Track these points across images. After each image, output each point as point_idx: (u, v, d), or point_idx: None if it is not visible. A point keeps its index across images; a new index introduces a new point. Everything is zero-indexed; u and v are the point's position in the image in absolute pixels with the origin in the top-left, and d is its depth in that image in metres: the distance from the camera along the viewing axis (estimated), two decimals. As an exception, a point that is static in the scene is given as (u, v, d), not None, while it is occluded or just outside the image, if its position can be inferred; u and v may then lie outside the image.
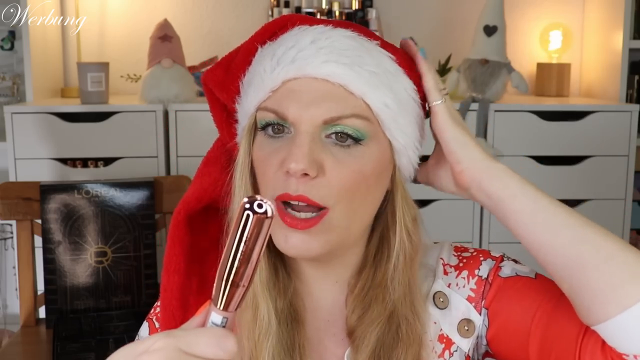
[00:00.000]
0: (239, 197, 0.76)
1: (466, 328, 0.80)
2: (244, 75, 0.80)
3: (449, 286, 0.82)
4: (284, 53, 0.74)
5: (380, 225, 0.80)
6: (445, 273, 0.83)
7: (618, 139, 2.27)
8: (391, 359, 0.76)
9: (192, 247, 0.82)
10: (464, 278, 0.82)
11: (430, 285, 0.81)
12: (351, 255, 0.81)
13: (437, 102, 0.76)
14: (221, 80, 0.81)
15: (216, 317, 0.54)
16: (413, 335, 0.77)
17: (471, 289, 0.81)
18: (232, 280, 0.53)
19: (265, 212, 0.51)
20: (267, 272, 0.77)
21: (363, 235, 0.80)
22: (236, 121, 0.82)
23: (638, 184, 2.52)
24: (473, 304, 0.81)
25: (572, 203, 2.31)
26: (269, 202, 0.51)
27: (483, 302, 0.80)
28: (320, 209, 0.71)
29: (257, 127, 0.76)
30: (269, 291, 0.76)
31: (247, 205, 0.51)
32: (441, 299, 0.81)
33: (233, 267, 0.52)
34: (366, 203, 0.75)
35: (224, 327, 0.54)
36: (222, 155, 0.84)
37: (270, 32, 0.80)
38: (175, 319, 0.80)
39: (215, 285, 0.54)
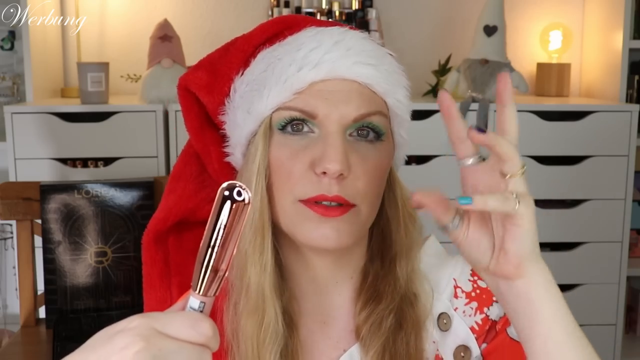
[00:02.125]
0: (254, 201, 0.74)
1: (462, 354, 0.80)
2: (240, 75, 0.79)
3: (455, 309, 0.82)
4: (306, 54, 0.74)
5: (382, 220, 0.80)
6: (456, 296, 0.82)
7: (618, 139, 2.27)
8: (396, 344, 0.77)
9: (167, 262, 0.82)
10: (472, 308, 0.82)
11: (431, 303, 0.81)
12: (357, 252, 0.81)
13: (522, 169, 0.61)
14: (206, 83, 0.81)
15: (194, 301, 0.55)
16: (416, 318, 0.78)
17: (476, 322, 0.81)
18: (211, 266, 0.54)
19: (244, 200, 0.52)
20: (275, 276, 0.76)
21: (367, 235, 0.81)
22: (218, 125, 0.82)
23: (638, 184, 2.52)
24: (475, 335, 0.81)
25: (572, 203, 2.31)
26: (247, 189, 0.53)
27: (484, 345, 0.81)
28: (349, 206, 0.73)
29: (272, 128, 0.75)
30: (277, 294, 0.75)
31: (227, 193, 0.53)
32: (444, 321, 0.81)
33: (212, 253, 0.54)
34: (380, 197, 0.77)
35: (201, 311, 0.55)
36: (190, 166, 0.84)
37: (270, 32, 0.80)
38: None
39: (194, 270, 0.55)
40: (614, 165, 2.28)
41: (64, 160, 2.18)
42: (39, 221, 1.71)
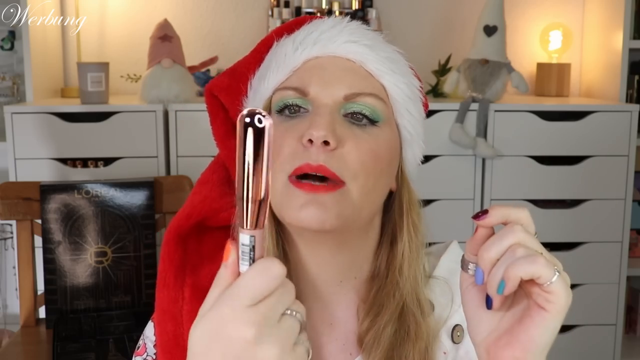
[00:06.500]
0: None
1: None
2: (254, 73, 0.81)
3: None
4: (305, 37, 0.77)
5: (389, 227, 0.79)
6: None
7: (618, 139, 2.27)
8: (400, 354, 0.76)
9: (183, 262, 0.82)
10: None
11: (448, 313, 0.79)
12: (361, 250, 0.79)
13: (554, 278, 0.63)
14: (227, 85, 0.83)
15: (244, 237, 0.55)
16: (419, 330, 0.76)
17: None
18: (251, 197, 0.53)
19: (265, 126, 0.52)
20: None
21: (371, 236, 0.80)
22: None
23: (638, 184, 2.52)
24: None
25: (572, 203, 2.31)
26: (267, 115, 0.52)
27: None
28: (336, 182, 0.71)
29: (271, 111, 0.76)
30: None
31: (247, 120, 0.52)
32: (458, 334, 0.80)
33: (248, 184, 0.53)
34: (378, 187, 0.75)
35: (253, 245, 0.54)
36: (217, 174, 0.85)
37: (284, 31, 0.82)
38: (167, 332, 0.80)
39: (237, 208, 0.55)
40: (614, 165, 2.28)
41: (64, 160, 2.18)
42: (39, 221, 1.71)
